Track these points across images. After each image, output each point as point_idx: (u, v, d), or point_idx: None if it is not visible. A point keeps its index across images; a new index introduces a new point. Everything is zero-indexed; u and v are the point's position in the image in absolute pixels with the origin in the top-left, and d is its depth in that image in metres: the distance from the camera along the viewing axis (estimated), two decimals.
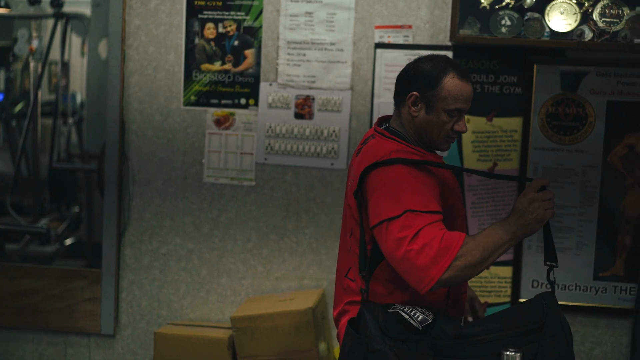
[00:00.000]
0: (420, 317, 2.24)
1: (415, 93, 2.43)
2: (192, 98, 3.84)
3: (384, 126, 2.55)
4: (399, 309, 2.27)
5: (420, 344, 2.24)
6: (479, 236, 2.25)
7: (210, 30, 3.81)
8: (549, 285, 2.39)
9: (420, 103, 2.43)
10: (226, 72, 3.81)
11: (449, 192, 2.43)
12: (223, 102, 3.82)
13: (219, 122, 3.83)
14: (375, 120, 3.69)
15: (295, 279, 3.83)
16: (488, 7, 3.52)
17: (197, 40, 3.82)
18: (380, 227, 2.30)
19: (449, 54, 3.63)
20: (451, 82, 2.40)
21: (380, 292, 2.41)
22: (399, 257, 2.24)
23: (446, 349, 2.23)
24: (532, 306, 2.33)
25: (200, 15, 3.81)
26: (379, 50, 3.70)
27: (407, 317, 2.24)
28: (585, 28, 3.47)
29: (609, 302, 3.66)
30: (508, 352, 2.22)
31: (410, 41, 3.69)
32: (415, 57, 2.53)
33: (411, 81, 2.45)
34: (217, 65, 3.82)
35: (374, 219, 2.32)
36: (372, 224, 2.34)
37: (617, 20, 3.46)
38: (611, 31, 3.45)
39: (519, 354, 2.21)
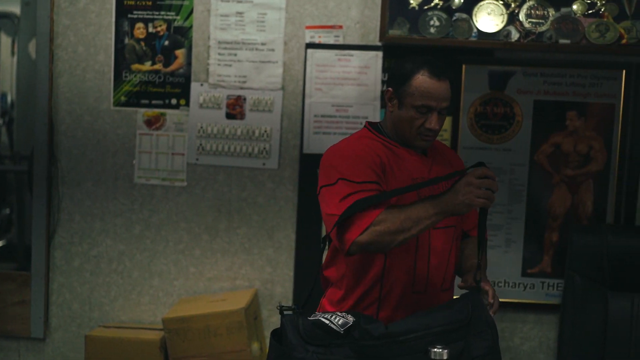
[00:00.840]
0: (341, 320, 2.25)
1: (390, 89, 2.52)
2: (122, 98, 3.81)
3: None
4: (319, 316, 2.28)
5: (343, 347, 2.24)
6: (406, 206, 2.32)
7: (140, 30, 3.78)
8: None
9: (395, 99, 2.50)
10: (157, 72, 3.79)
11: (394, 181, 2.46)
12: (154, 102, 3.80)
13: (149, 123, 3.80)
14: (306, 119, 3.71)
15: (228, 279, 3.82)
16: (417, 7, 3.55)
17: (127, 40, 3.79)
18: (320, 193, 2.44)
19: (379, 54, 3.66)
20: (420, 79, 2.44)
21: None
22: (324, 219, 2.41)
23: (371, 350, 2.23)
24: (458, 305, 2.34)
25: (129, 15, 3.78)
26: (309, 50, 3.71)
27: (327, 322, 2.25)
28: (512, 28, 3.52)
29: (537, 298, 3.73)
30: (435, 349, 2.22)
31: (340, 41, 3.70)
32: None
33: (390, 78, 2.55)
34: (147, 66, 3.79)
35: (317, 189, 2.48)
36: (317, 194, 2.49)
37: (543, 21, 3.52)
38: (537, 32, 3.51)
39: (446, 351, 2.22)
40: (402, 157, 2.50)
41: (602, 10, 3.52)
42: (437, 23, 3.52)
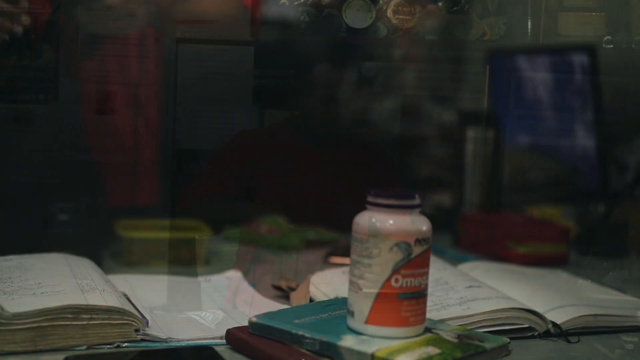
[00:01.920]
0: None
1: None
2: None
3: None
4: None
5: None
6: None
7: None
8: None
9: None
10: None
11: (265, 169, 2.54)
12: None
13: None
14: None
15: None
16: (287, 3, 3.57)
17: None
18: None
19: (250, 49, 3.66)
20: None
21: None
22: None
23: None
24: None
25: None
26: (180, 45, 3.67)
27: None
28: (381, 25, 3.58)
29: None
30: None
31: (212, 36, 3.68)
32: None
33: None
34: None
35: None
36: None
37: (410, 18, 3.59)
38: (404, 28, 3.58)
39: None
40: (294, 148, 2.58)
41: (467, 7, 3.62)
42: (307, 19, 3.54)
